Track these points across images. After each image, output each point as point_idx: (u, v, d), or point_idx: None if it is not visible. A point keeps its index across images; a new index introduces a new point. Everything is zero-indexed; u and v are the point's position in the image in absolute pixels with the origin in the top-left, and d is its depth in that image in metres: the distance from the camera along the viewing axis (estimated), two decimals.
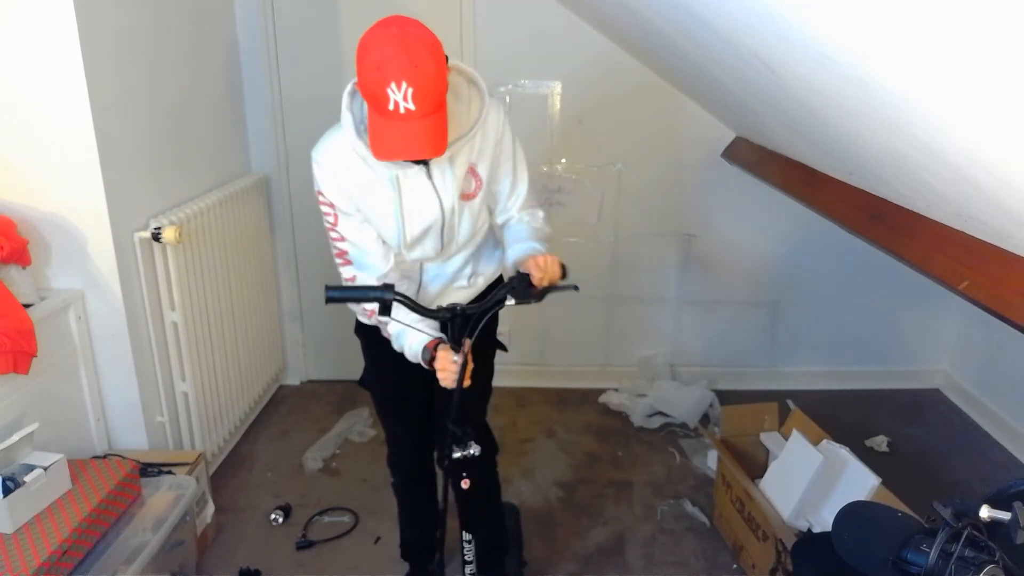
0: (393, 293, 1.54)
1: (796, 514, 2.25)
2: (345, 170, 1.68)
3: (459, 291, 1.96)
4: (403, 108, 1.41)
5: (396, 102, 1.40)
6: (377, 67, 1.41)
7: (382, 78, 1.40)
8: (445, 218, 1.76)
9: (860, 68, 1.24)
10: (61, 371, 2.31)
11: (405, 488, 2.25)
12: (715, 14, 1.62)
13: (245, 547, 2.58)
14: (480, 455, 1.76)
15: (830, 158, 2.17)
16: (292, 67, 3.33)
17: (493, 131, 1.75)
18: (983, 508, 0.99)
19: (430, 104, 1.43)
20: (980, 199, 1.36)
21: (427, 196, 1.71)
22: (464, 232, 1.84)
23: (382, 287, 1.55)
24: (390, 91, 1.39)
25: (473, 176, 1.76)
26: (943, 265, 1.66)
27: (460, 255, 1.92)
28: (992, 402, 3.39)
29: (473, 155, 1.74)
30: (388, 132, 1.45)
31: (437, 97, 1.45)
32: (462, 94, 1.67)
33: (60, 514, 1.93)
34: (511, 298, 1.61)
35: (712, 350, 3.74)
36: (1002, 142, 1.08)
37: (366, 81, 1.43)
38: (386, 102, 1.41)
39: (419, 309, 1.60)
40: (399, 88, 1.39)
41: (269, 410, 3.53)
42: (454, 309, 1.57)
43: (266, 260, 3.44)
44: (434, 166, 1.68)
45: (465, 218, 1.81)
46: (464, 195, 1.76)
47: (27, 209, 2.24)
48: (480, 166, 1.76)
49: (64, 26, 2.10)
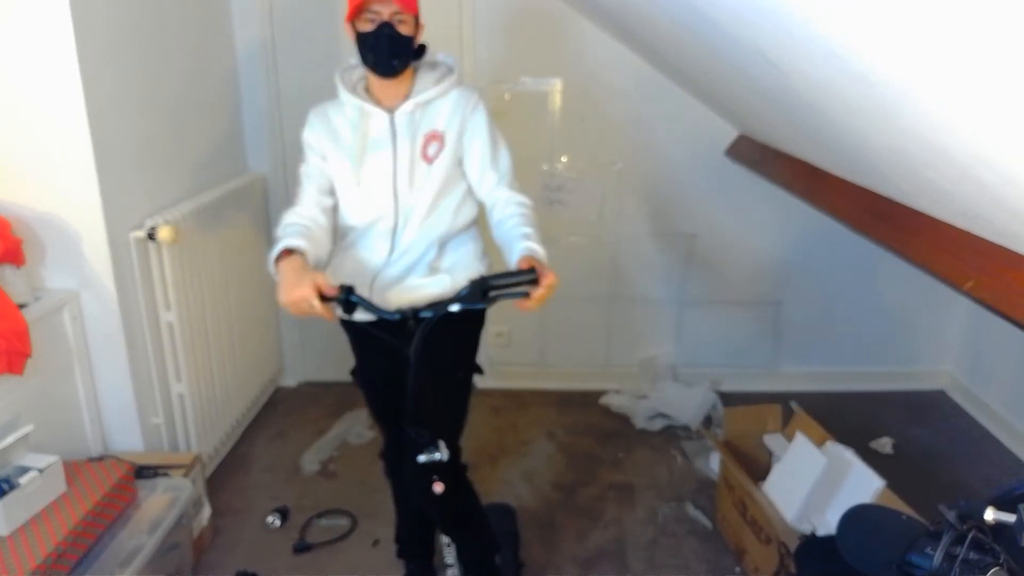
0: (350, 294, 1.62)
1: (800, 517, 2.23)
2: (323, 118, 1.93)
3: (418, 287, 1.90)
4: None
5: None
6: None
7: None
8: (397, 166, 1.85)
9: (865, 65, 1.23)
10: (56, 372, 2.30)
11: (394, 466, 2.21)
12: (720, 11, 1.62)
13: (242, 550, 2.57)
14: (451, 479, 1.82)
15: (834, 156, 2.16)
16: (289, 66, 3.32)
17: (462, 102, 1.89)
18: (988, 510, 0.99)
19: None
20: (986, 198, 1.35)
21: (384, 139, 1.86)
22: (422, 195, 1.88)
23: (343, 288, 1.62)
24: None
25: (438, 142, 1.87)
26: (948, 265, 1.65)
27: (421, 236, 1.90)
28: (997, 404, 3.37)
29: (439, 122, 1.87)
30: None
31: None
32: (439, 67, 1.92)
33: (55, 517, 1.93)
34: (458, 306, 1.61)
35: (714, 351, 3.73)
36: (1008, 141, 1.07)
37: None
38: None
39: (373, 309, 1.65)
40: None
41: (266, 412, 3.52)
42: (407, 312, 1.62)
43: (263, 260, 3.40)
44: (397, 115, 1.84)
45: (425, 181, 1.87)
46: (427, 157, 1.87)
47: (21, 208, 2.23)
48: (447, 132, 1.88)
49: (60, 25, 2.10)
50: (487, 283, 1.59)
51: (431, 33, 1.89)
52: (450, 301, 1.63)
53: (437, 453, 1.66)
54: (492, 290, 1.59)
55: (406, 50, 1.79)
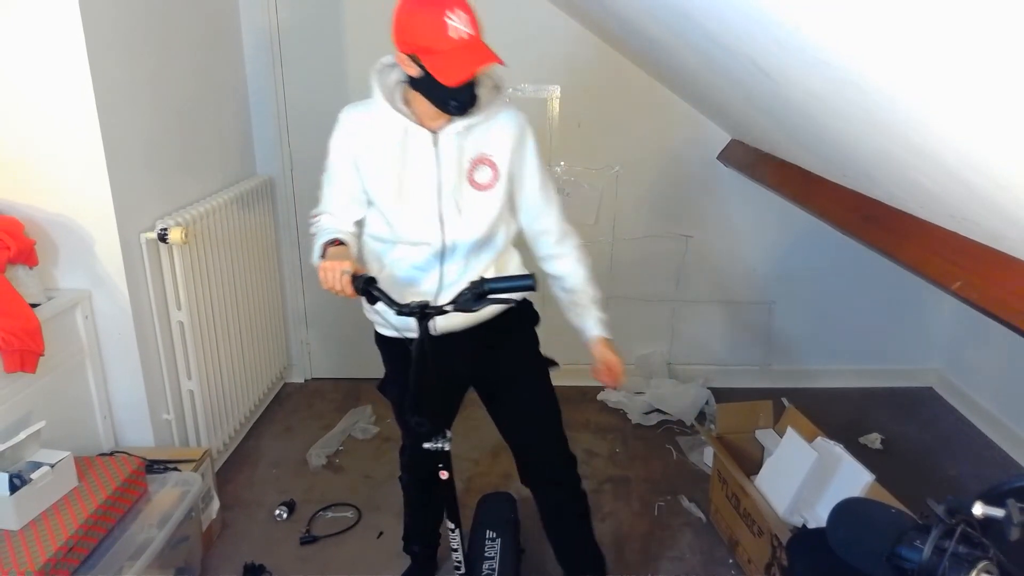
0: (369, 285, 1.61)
1: (791, 510, 2.27)
2: (357, 124, 1.77)
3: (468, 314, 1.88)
4: (464, 33, 1.52)
5: (456, 27, 1.51)
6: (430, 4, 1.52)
7: (438, 10, 1.51)
8: (442, 189, 1.74)
9: (854, 72, 1.25)
10: (68, 370, 2.32)
11: (415, 485, 2.23)
12: (711, 19, 1.64)
13: (250, 542, 2.61)
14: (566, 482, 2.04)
15: (824, 160, 2.18)
16: (296, 71, 3.35)
17: (512, 128, 1.78)
18: (977, 505, 0.98)
19: (479, 28, 1.55)
20: (972, 200, 1.37)
21: (427, 159, 1.73)
22: (473, 224, 1.78)
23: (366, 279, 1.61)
24: (448, 19, 1.50)
25: (490, 167, 1.77)
26: (936, 265, 1.66)
27: (470, 266, 1.82)
28: (985, 400, 3.42)
29: (489, 146, 1.76)
30: (455, 57, 1.54)
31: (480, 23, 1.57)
32: (484, 83, 1.75)
33: (66, 511, 1.93)
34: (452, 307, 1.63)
35: (709, 349, 3.77)
36: (994, 144, 1.09)
37: (419, 21, 1.53)
38: (445, 30, 1.51)
39: (391, 302, 1.63)
40: (454, 14, 1.51)
41: (274, 407, 3.55)
42: (423, 305, 1.62)
43: (271, 260, 3.46)
44: (441, 136, 1.71)
45: (475, 208, 1.77)
46: (477, 183, 1.77)
47: (34, 210, 2.26)
48: (498, 159, 1.77)
49: (70, 28, 2.11)
50: (484, 287, 1.60)
51: None
52: (447, 304, 1.63)
53: (440, 443, 1.69)
54: (490, 293, 1.61)
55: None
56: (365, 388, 3.67)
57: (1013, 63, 0.86)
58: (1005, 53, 0.86)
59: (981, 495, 1.01)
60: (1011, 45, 0.84)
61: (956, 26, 0.89)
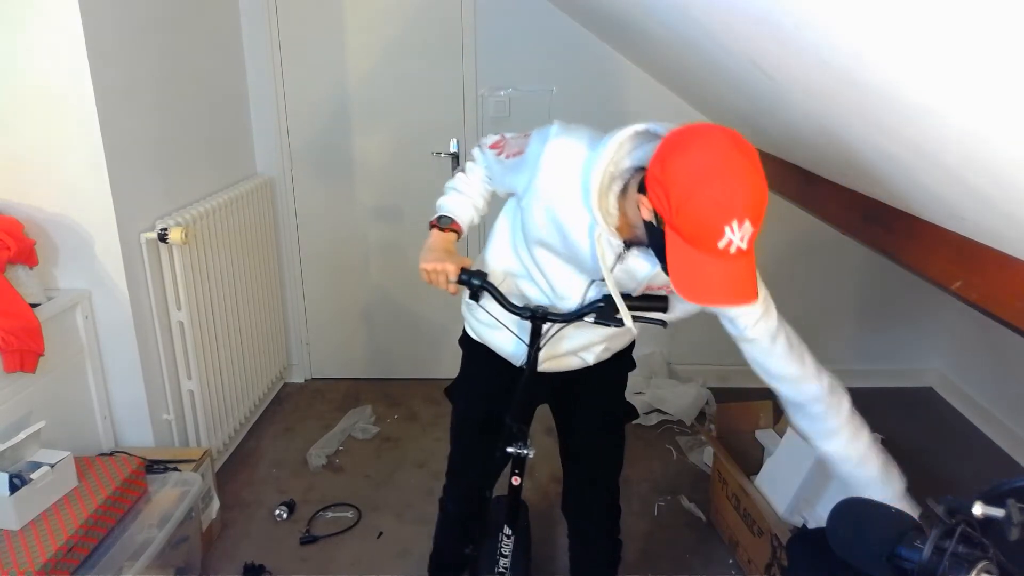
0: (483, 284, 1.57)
1: (791, 510, 2.27)
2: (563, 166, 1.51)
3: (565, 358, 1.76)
4: (735, 248, 1.19)
5: (731, 241, 1.18)
6: (719, 202, 1.17)
7: (724, 214, 1.17)
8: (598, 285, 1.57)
9: (854, 72, 1.24)
10: (68, 370, 2.33)
11: (453, 516, 2.08)
12: (711, 19, 1.64)
13: (250, 542, 2.61)
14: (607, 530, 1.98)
15: (824, 160, 2.18)
16: (296, 71, 3.35)
17: None
18: (977, 505, 0.97)
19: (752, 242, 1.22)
20: (973, 200, 1.36)
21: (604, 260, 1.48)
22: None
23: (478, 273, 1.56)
24: (729, 230, 1.17)
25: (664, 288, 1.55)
26: (936, 265, 1.66)
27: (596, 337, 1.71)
28: (985, 400, 3.42)
29: None
30: (707, 270, 1.23)
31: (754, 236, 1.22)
32: None
33: (66, 511, 1.93)
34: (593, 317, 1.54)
35: (708, 349, 3.74)
36: (995, 143, 1.09)
37: (698, 211, 1.19)
38: (717, 239, 1.18)
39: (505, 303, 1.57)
40: (739, 227, 1.17)
41: (274, 407, 3.56)
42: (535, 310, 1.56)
43: (271, 260, 3.46)
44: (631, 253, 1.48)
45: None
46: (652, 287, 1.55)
47: (34, 210, 2.26)
48: None
49: (70, 28, 2.12)
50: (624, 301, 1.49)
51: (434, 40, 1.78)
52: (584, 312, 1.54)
53: (524, 450, 1.66)
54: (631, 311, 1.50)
55: None
56: (365, 388, 3.67)
57: (1013, 63, 0.86)
58: (1005, 52, 0.86)
59: (981, 495, 1.00)
60: (1011, 45, 0.84)
61: (956, 26, 0.89)
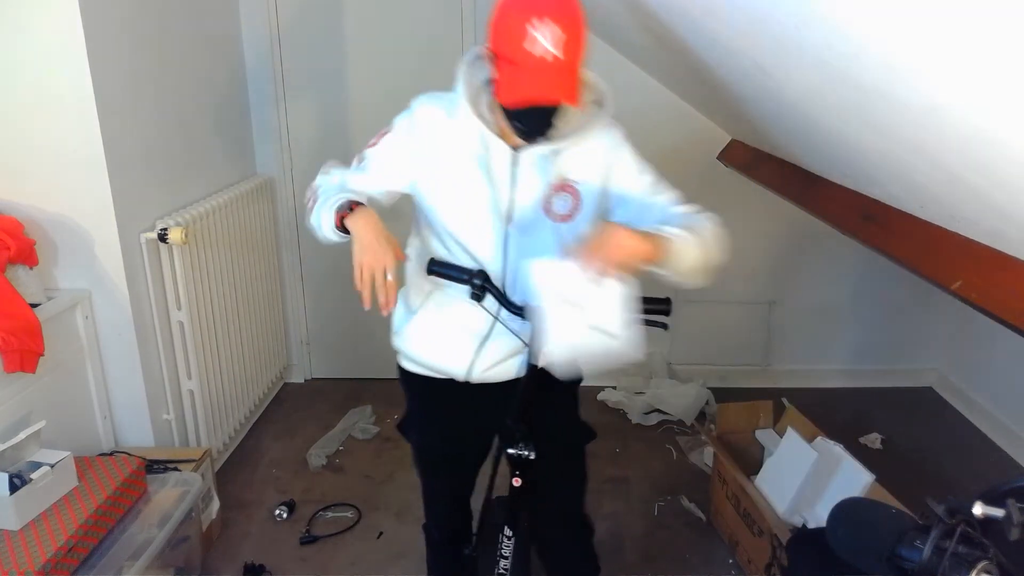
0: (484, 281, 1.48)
1: (791, 510, 2.27)
2: (430, 124, 1.51)
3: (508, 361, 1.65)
4: (541, 48, 1.26)
5: (538, 41, 1.26)
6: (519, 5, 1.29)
7: (524, 14, 1.27)
8: (513, 215, 1.51)
9: (854, 72, 1.25)
10: (68, 370, 2.33)
11: (440, 542, 2.03)
12: (712, 19, 1.64)
13: (250, 542, 2.61)
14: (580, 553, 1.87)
15: (824, 160, 2.19)
16: (296, 70, 3.35)
17: (603, 149, 1.53)
18: (977, 505, 0.97)
19: (571, 52, 1.29)
20: (972, 200, 1.37)
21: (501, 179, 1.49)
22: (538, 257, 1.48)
23: (478, 272, 1.48)
24: (531, 27, 1.26)
25: (571, 195, 1.52)
26: (936, 265, 1.67)
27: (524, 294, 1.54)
28: (984, 400, 3.42)
29: (573, 170, 1.51)
30: (522, 75, 1.30)
31: (578, 46, 1.30)
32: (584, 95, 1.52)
33: (66, 511, 1.94)
34: None
35: (709, 349, 3.77)
36: (993, 143, 1.09)
37: (506, 17, 1.30)
38: (523, 40, 1.26)
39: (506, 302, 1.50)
40: (542, 25, 1.26)
41: (274, 407, 3.56)
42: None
43: (271, 260, 3.46)
44: (523, 156, 1.46)
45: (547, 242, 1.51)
46: (554, 213, 1.52)
47: (34, 210, 2.26)
48: (583, 185, 1.52)
49: (70, 28, 2.12)
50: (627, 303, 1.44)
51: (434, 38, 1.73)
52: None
53: (526, 451, 1.60)
54: None
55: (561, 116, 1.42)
56: (365, 388, 3.67)
57: (1012, 63, 0.86)
58: (1004, 53, 0.86)
59: (981, 495, 1.00)
60: (1010, 45, 0.84)
61: (956, 26, 0.89)
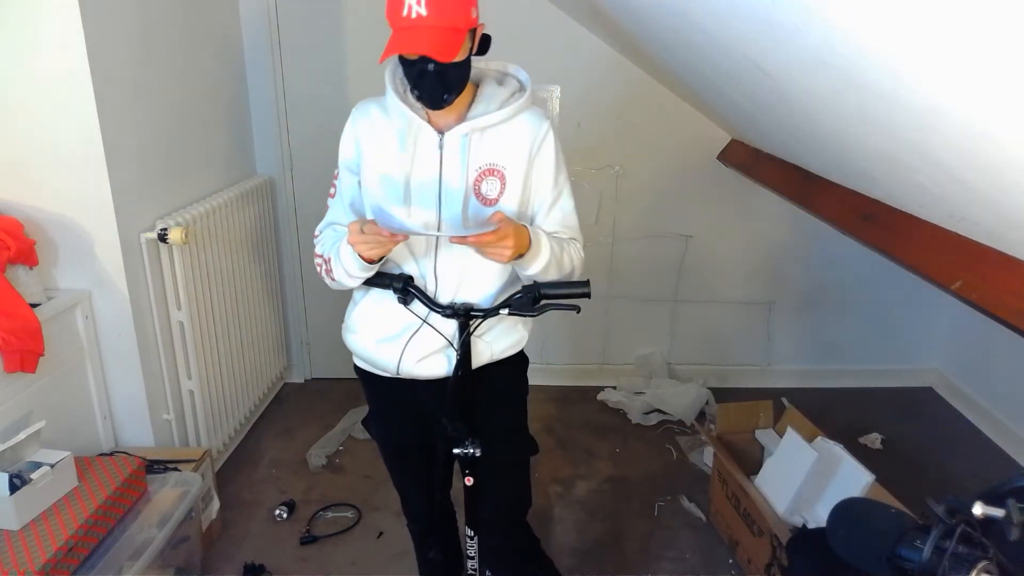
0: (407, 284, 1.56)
1: (791, 510, 2.28)
2: (367, 119, 1.62)
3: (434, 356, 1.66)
4: (415, 12, 1.37)
5: (410, 6, 1.37)
6: None
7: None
8: (443, 199, 1.58)
9: (855, 72, 1.26)
10: (68, 370, 2.33)
11: (421, 534, 2.05)
12: (713, 20, 1.64)
13: (250, 542, 2.61)
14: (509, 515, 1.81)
15: (824, 160, 2.19)
16: (296, 71, 3.35)
17: (531, 135, 1.59)
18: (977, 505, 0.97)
19: (444, 12, 1.39)
20: (972, 200, 1.38)
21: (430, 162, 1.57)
22: None
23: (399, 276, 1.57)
24: None
25: (498, 179, 1.58)
26: (936, 265, 1.67)
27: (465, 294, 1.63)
28: (984, 400, 3.43)
29: (500, 154, 1.58)
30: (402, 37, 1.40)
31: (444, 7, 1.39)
32: (508, 82, 1.62)
33: (66, 511, 1.94)
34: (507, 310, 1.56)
35: (709, 349, 3.78)
36: (993, 144, 1.10)
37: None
38: (401, 9, 1.38)
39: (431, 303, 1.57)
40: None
41: (274, 408, 3.56)
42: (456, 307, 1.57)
43: (270, 260, 3.46)
44: (447, 137, 1.55)
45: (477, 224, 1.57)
46: (482, 196, 1.58)
47: (34, 210, 2.26)
48: (510, 170, 1.58)
49: (70, 29, 2.11)
50: (539, 291, 1.50)
51: None
52: (501, 306, 1.55)
53: (470, 448, 1.63)
54: (544, 299, 1.51)
55: (460, 79, 1.50)
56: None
57: (1012, 63, 0.87)
58: (1004, 53, 0.87)
59: (981, 495, 0.99)
60: (1010, 45, 0.84)
61: (955, 26, 0.90)
